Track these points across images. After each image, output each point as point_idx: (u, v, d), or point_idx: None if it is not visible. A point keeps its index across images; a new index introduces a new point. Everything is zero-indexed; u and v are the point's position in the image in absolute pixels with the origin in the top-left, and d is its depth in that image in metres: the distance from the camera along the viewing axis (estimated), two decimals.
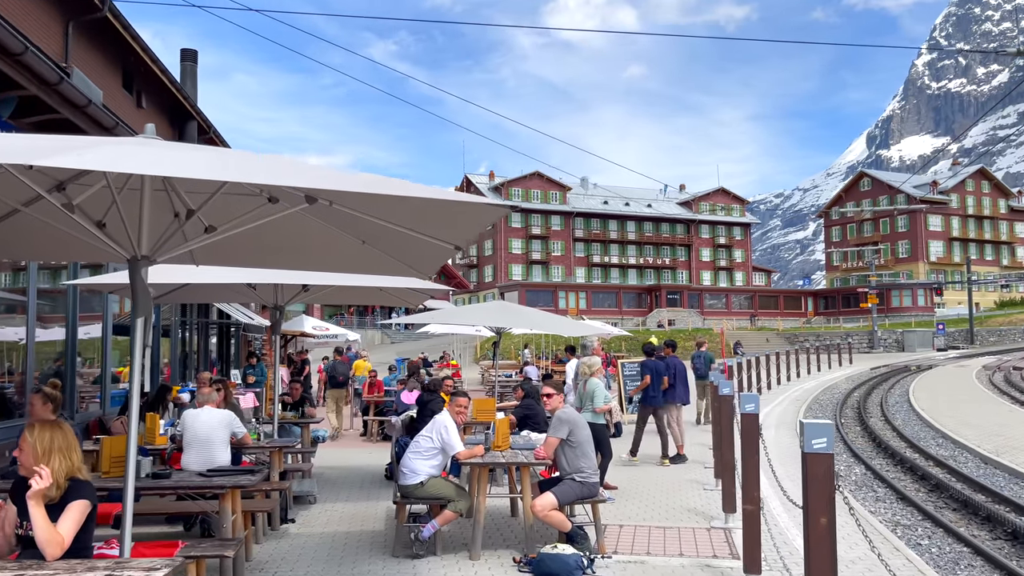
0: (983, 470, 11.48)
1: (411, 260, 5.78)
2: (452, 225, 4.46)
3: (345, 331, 29.29)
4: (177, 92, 21.04)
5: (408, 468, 6.46)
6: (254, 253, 6.31)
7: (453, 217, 4.26)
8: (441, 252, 5.12)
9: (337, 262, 6.25)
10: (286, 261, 6.28)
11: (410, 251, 5.50)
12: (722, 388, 7.82)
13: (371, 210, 4.59)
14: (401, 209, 4.47)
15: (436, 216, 4.32)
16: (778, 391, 25.02)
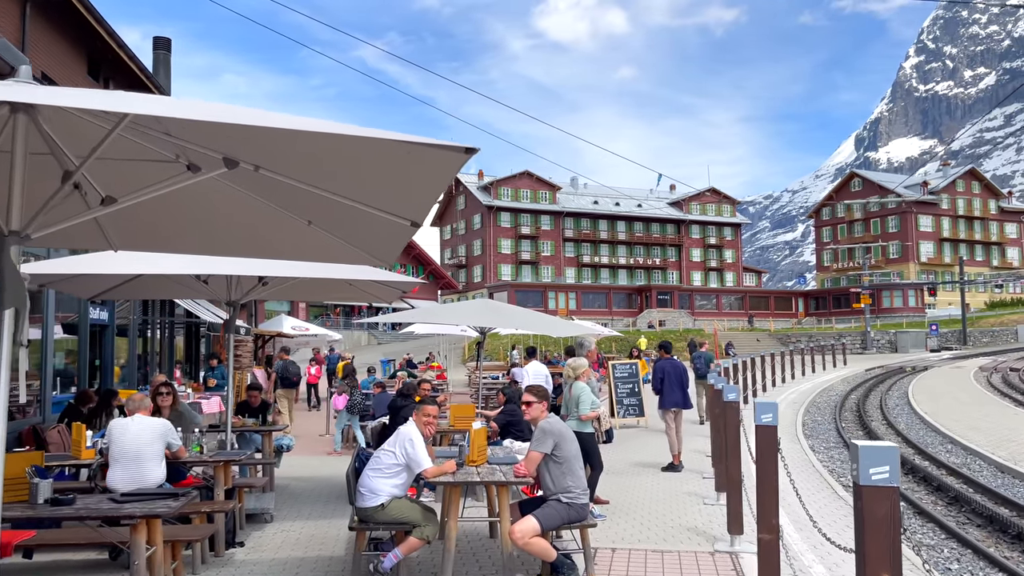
0: (1001, 480, 10.68)
1: (365, 243, 4.87)
2: (403, 192, 3.56)
3: (327, 331, 28.31)
4: (148, 80, 20.05)
5: (367, 488, 5.56)
6: (186, 238, 5.40)
7: (403, 180, 3.37)
8: (397, 232, 4.23)
9: (283, 248, 5.34)
10: (223, 247, 5.36)
11: (361, 231, 4.60)
12: (727, 393, 6.96)
13: (304, 175, 3.70)
14: (341, 173, 3.59)
15: (382, 180, 3.44)
16: (773, 393, 24.24)
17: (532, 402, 5.86)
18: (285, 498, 9.03)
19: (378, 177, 3.43)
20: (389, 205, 3.76)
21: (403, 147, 2.88)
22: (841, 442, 14.55)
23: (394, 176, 3.34)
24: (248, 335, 18.49)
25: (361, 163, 3.30)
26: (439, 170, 3.10)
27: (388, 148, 3.00)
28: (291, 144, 3.41)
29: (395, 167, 3.20)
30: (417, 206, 3.68)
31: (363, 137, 2.68)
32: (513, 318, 14.80)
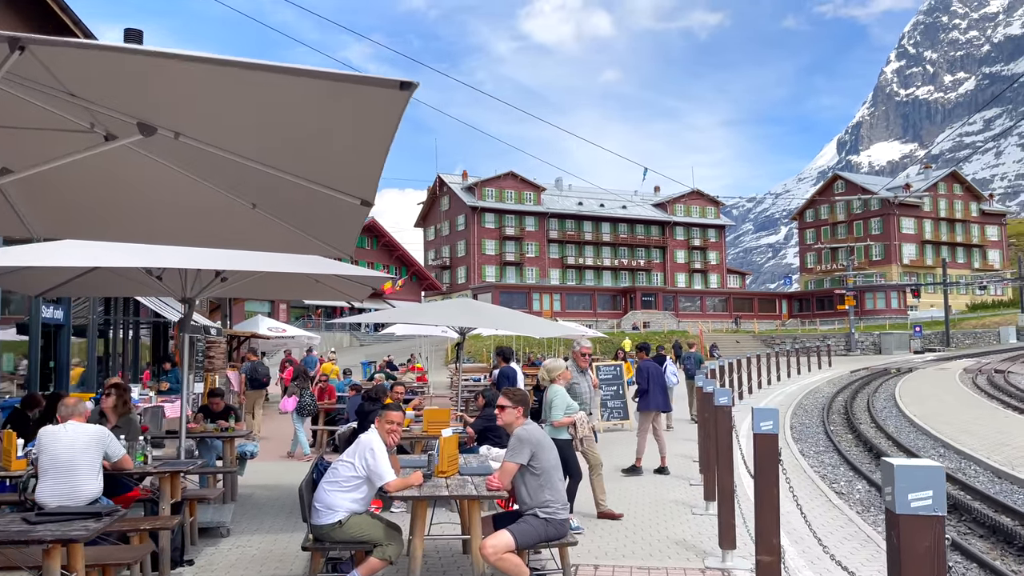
0: (1000, 486, 10.27)
1: (316, 229, 4.32)
2: (343, 158, 3.03)
3: (305, 332, 27.64)
4: None
5: (323, 503, 5.01)
6: (121, 225, 4.84)
7: (340, 139, 2.83)
8: (348, 215, 3.70)
9: (229, 235, 4.78)
10: (163, 235, 4.79)
11: (310, 215, 4.06)
12: (718, 397, 6.47)
13: (231, 142, 3.16)
14: (271, 136, 3.05)
15: (317, 140, 2.91)
16: (760, 395, 23.87)
17: (506, 406, 5.33)
18: (247, 509, 8.46)
19: (312, 136, 2.90)
20: (331, 177, 3.23)
21: (328, 86, 2.35)
22: (831, 446, 14.14)
23: (329, 132, 2.80)
24: (220, 336, 17.84)
25: (289, 116, 2.75)
26: (378, 120, 2.56)
27: (313, 91, 2.47)
28: (211, 103, 2.88)
29: (327, 118, 2.66)
30: (363, 178, 3.14)
31: (281, 71, 2.17)
32: (494, 318, 14.26)
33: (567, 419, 7.16)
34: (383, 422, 5.31)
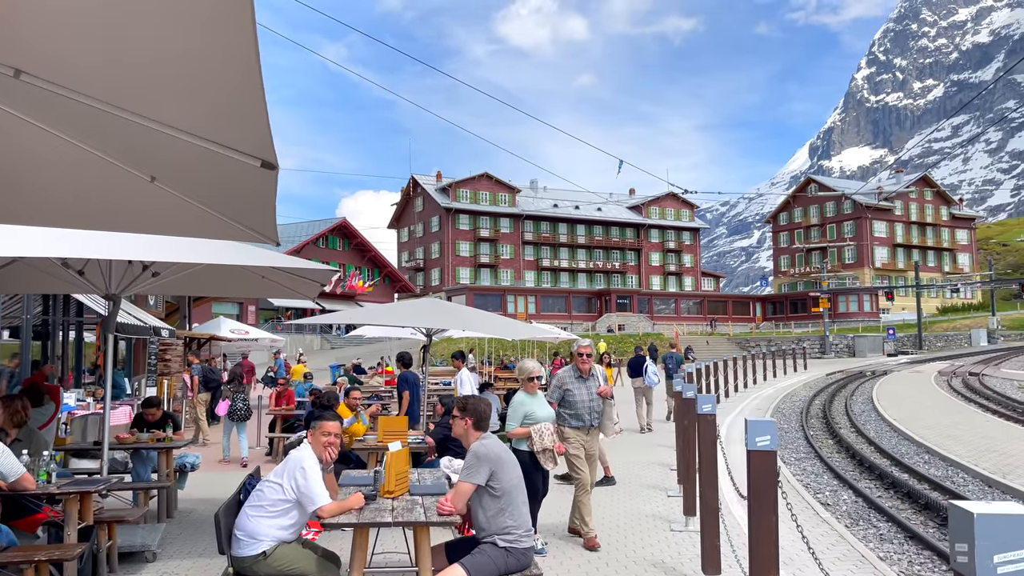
0: (992, 495, 9.77)
1: (226, 206, 3.62)
2: (221, 100, 2.33)
3: (268, 334, 26.70)
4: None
5: (244, 531, 4.28)
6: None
7: (215, 78, 2.14)
8: (256, 184, 2.99)
9: (129, 218, 4.04)
10: (46, 215, 4.06)
11: (213, 187, 3.35)
12: (701, 404, 5.82)
13: (86, 84, 2.44)
14: (130, 75, 2.34)
15: (188, 77, 2.21)
16: (736, 399, 23.39)
17: (454, 416, 4.65)
18: (184, 528, 7.67)
19: (177, 68, 2.19)
20: (217, 129, 2.52)
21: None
22: (812, 452, 13.62)
23: (190, 58, 2.10)
24: (173, 338, 16.93)
25: (143, 34, 2.04)
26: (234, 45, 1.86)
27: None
28: (58, 29, 2.17)
29: (183, 37, 1.96)
30: (251, 130, 2.43)
31: None
32: (464, 319, 13.55)
33: (521, 430, 6.35)
34: (318, 434, 4.59)
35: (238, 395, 11.84)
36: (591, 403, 6.91)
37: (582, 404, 6.87)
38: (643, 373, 15.41)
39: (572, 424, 6.89)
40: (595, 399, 6.94)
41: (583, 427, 6.91)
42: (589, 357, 7.00)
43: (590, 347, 7.11)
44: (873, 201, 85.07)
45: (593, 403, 6.94)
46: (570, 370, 7.06)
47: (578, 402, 6.87)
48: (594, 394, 6.94)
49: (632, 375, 15.87)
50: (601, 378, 7.07)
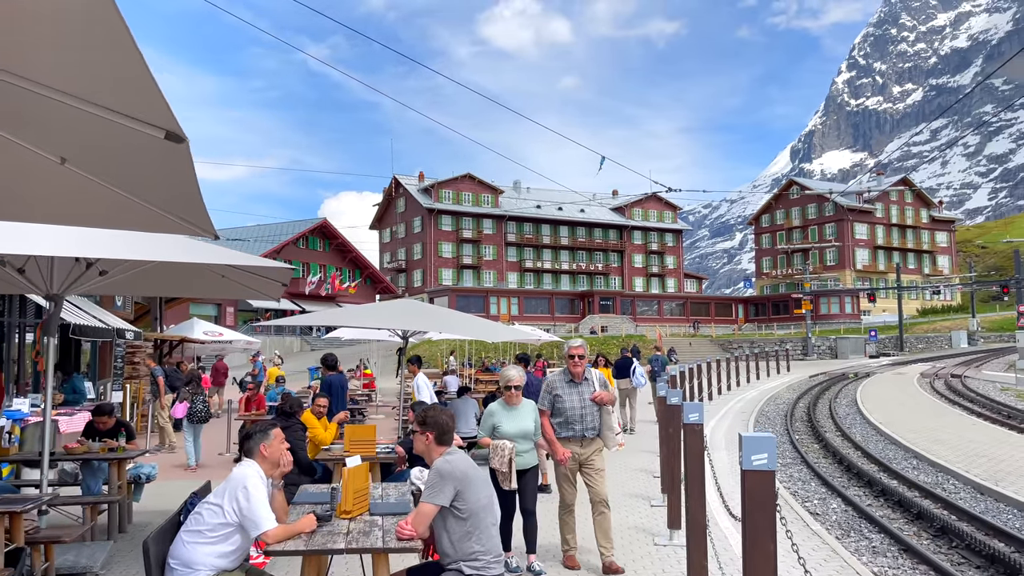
0: (985, 503, 9.46)
1: (148, 192, 3.16)
2: (113, 67, 1.89)
3: (243, 336, 26.08)
4: None
5: (179, 559, 3.81)
6: None
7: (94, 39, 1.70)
8: (170, 164, 2.56)
9: (42, 207, 3.60)
10: None
11: (126, 167, 2.90)
12: (687, 413, 5.41)
13: None
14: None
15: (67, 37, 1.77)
16: (720, 402, 23.09)
17: (415, 430, 4.22)
18: (136, 544, 7.14)
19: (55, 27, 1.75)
20: (113, 95, 2.07)
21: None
22: (799, 457, 13.29)
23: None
24: (142, 340, 16.35)
25: None
26: None
27: None
28: None
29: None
30: (142, 92, 1.99)
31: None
32: (441, 321, 13.12)
33: (484, 441, 5.92)
34: (268, 447, 4.13)
35: (197, 396, 11.34)
36: (583, 411, 6.10)
37: (572, 412, 6.09)
38: (631, 375, 15.34)
39: (562, 434, 6.11)
40: (588, 406, 6.12)
41: (575, 437, 6.09)
42: (581, 359, 6.17)
43: (582, 347, 6.21)
44: (854, 203, 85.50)
45: (586, 410, 6.12)
46: (561, 374, 6.34)
47: (568, 409, 6.10)
48: (587, 400, 6.11)
49: (618, 376, 15.78)
50: (598, 383, 6.21)
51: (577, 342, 6.21)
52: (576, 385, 6.16)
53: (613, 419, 6.21)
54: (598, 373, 6.37)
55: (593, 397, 6.10)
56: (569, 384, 6.17)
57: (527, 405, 6.15)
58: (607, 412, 6.19)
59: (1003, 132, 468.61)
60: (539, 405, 6.23)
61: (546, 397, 6.22)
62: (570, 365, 6.18)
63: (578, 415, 6.09)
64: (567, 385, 6.17)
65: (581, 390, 6.14)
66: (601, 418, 6.18)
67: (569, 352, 6.18)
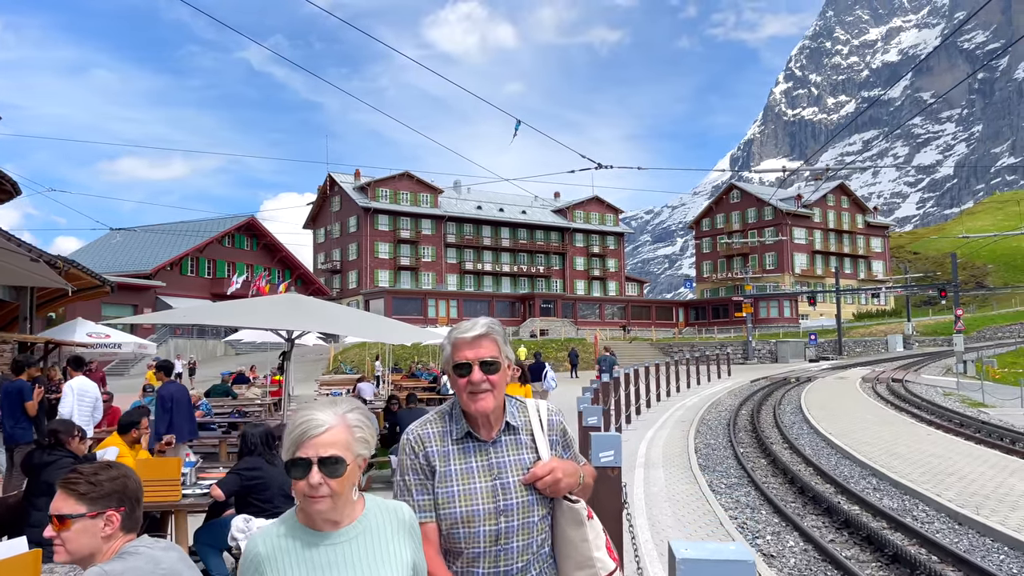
0: (968, 539, 7.89)
1: None
2: None
3: (135, 339, 23.39)
4: None
5: None
6: None
7: None
8: None
9: None
10: None
11: None
12: (598, 451, 3.55)
13: None
14: None
15: None
16: (659, 409, 21.54)
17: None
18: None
19: None
20: None
21: None
22: (744, 476, 11.67)
23: None
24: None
25: None
26: None
27: None
28: None
29: None
30: None
31: None
32: (328, 320, 11.07)
33: None
34: None
35: None
36: (507, 519, 2.13)
37: (476, 523, 2.13)
38: (542, 378, 15.39)
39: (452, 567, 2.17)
40: (520, 505, 2.16)
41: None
42: (489, 374, 2.17)
43: (488, 340, 2.21)
44: (793, 207, 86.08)
45: (514, 519, 2.15)
46: (439, 418, 2.27)
47: (463, 515, 2.14)
48: (512, 486, 2.17)
49: (531, 380, 15.89)
50: (544, 427, 2.28)
51: (476, 330, 2.23)
52: (482, 447, 2.21)
53: (591, 544, 2.20)
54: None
55: (534, 478, 2.17)
56: (463, 443, 2.21)
57: None
58: (578, 523, 2.21)
59: (931, 144, 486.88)
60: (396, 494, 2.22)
61: (409, 480, 2.20)
62: (459, 389, 2.21)
63: (490, 532, 2.13)
64: (457, 446, 2.21)
65: (500, 456, 2.21)
66: (561, 533, 2.22)
67: (455, 359, 2.21)
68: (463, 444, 2.20)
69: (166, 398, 8.97)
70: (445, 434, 2.21)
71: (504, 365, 2.21)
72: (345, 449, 1.82)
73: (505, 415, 2.24)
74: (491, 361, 2.17)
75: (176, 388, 9.30)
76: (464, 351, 2.19)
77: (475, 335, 2.20)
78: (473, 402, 2.16)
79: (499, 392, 2.19)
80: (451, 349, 2.22)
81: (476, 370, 2.15)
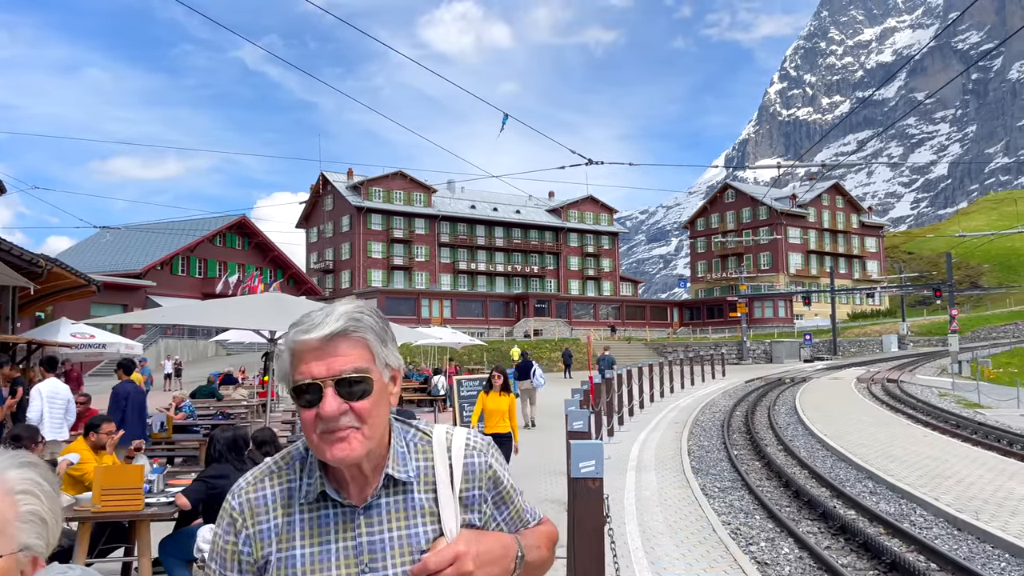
0: (967, 546, 7.65)
1: None
2: None
3: (122, 339, 23.04)
4: None
5: None
6: None
7: None
8: None
9: None
10: None
11: None
12: (578, 461, 3.30)
13: None
14: None
15: None
16: (652, 410, 21.32)
17: None
18: None
19: None
20: None
21: None
22: (738, 479, 11.43)
23: None
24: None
25: None
26: None
27: None
28: None
29: None
30: None
31: None
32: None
33: None
34: None
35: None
36: None
37: None
38: (531, 376, 16.24)
39: None
40: None
41: None
42: (348, 394, 1.30)
43: (336, 348, 1.30)
44: (788, 207, 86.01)
45: None
46: (284, 467, 1.42)
47: None
48: None
49: (520, 378, 17.01)
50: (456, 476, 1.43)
51: (329, 325, 1.31)
52: (348, 518, 1.38)
53: None
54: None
55: (424, 571, 1.33)
56: (316, 512, 1.39)
57: None
58: None
59: (925, 144, 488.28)
60: None
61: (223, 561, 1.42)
62: (305, 425, 1.33)
63: None
64: (308, 519, 1.39)
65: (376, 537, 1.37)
66: None
67: (296, 370, 1.32)
68: (317, 511, 1.38)
69: (120, 395, 8.77)
70: (290, 495, 1.38)
71: (383, 381, 1.36)
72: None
73: (388, 462, 1.38)
74: (356, 378, 1.30)
75: (132, 387, 9.11)
76: (309, 363, 1.30)
77: (326, 335, 1.29)
78: (328, 447, 1.30)
79: (373, 427, 1.32)
80: (289, 358, 1.33)
81: (330, 395, 1.28)
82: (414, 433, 1.46)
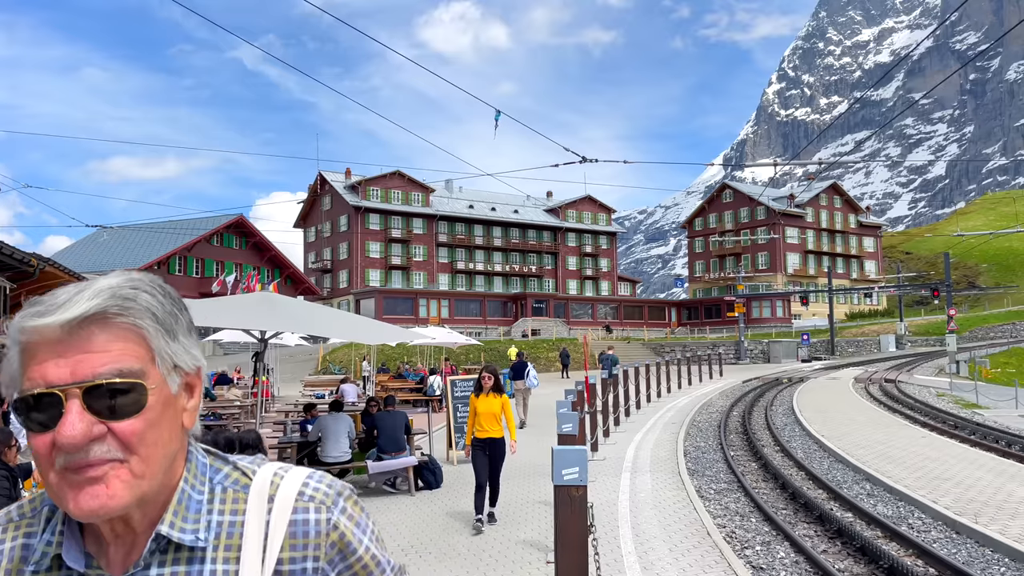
0: (966, 550, 7.53)
1: None
2: None
3: None
4: None
5: None
6: None
7: None
8: None
9: None
10: None
11: None
12: (560, 468, 3.15)
13: None
14: None
15: None
16: (649, 410, 21.19)
17: None
18: None
19: None
20: None
21: None
22: (735, 481, 11.30)
23: None
24: None
25: None
26: None
27: None
28: None
29: None
30: None
31: None
32: (302, 320, 10.66)
33: None
34: None
35: None
36: None
37: None
38: (524, 376, 16.34)
39: None
40: None
41: None
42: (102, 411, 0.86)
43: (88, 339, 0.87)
44: (786, 207, 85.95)
45: None
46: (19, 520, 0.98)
47: None
48: None
49: (514, 378, 17.15)
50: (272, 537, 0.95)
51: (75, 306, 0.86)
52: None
53: None
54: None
55: None
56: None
57: None
58: None
59: (923, 144, 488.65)
60: None
61: None
62: (37, 457, 0.90)
63: None
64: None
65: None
66: None
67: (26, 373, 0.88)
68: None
69: None
70: (23, 556, 0.93)
71: (168, 391, 0.92)
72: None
73: (169, 513, 0.92)
74: (120, 385, 0.87)
75: None
76: (43, 362, 0.86)
77: (70, 319, 0.86)
78: (73, 493, 0.85)
79: (148, 461, 0.88)
80: (18, 356, 0.88)
81: (74, 410, 0.85)
82: (227, 474, 0.98)
